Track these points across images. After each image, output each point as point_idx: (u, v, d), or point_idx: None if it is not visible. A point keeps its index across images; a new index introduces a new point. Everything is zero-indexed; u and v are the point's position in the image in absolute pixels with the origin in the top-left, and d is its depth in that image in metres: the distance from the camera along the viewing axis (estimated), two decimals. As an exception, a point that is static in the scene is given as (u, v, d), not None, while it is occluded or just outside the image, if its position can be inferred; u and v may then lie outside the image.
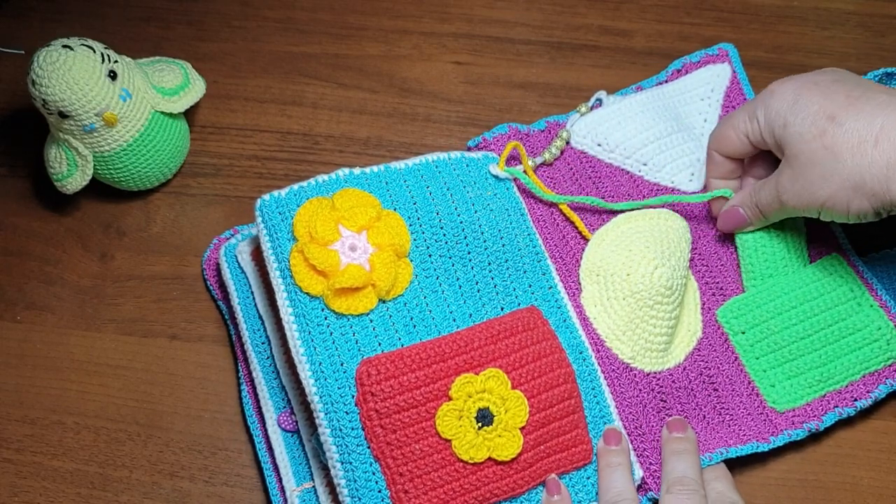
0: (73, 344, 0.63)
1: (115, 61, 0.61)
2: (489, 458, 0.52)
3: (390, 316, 0.54)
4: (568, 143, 0.65)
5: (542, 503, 0.53)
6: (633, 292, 0.58)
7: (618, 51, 0.73)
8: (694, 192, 0.64)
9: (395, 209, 0.56)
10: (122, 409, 0.61)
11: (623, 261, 0.58)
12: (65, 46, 0.60)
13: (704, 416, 0.58)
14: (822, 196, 0.54)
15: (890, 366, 0.59)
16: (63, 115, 0.60)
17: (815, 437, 0.59)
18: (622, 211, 0.62)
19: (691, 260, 0.62)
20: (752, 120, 0.58)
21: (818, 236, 0.63)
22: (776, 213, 0.58)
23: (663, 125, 0.65)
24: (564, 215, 0.62)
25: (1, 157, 0.70)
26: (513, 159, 0.64)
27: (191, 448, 0.60)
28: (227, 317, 0.63)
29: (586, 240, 0.61)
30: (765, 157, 0.61)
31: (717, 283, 0.62)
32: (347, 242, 0.54)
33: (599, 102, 0.65)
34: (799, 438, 0.58)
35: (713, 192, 0.62)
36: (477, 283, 0.57)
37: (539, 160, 0.64)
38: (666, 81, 0.68)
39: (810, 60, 0.72)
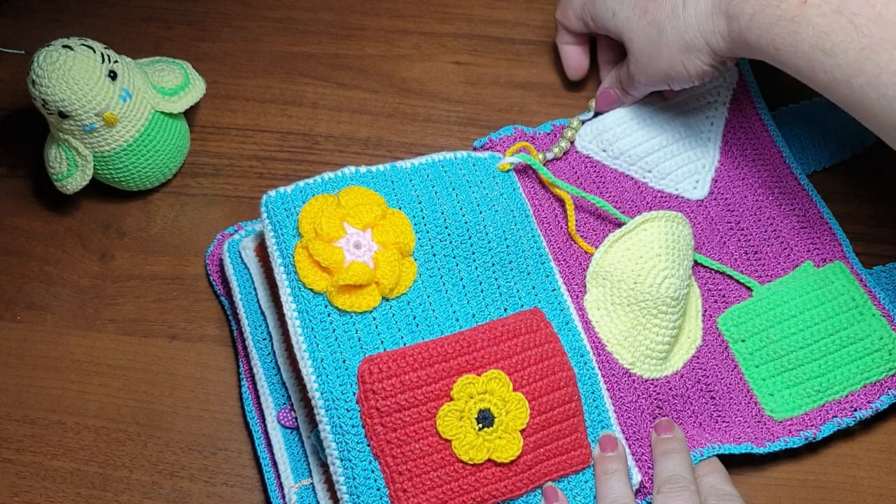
0: (73, 344, 0.63)
1: (115, 61, 0.61)
2: (489, 460, 0.51)
3: (393, 314, 0.54)
4: (573, 143, 0.65)
5: None
6: (639, 301, 0.57)
7: (618, 51, 0.73)
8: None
9: (400, 208, 0.56)
10: (122, 409, 0.61)
11: (633, 268, 0.58)
12: (65, 46, 0.59)
13: (701, 424, 0.58)
14: (662, 68, 0.59)
15: (892, 376, 0.58)
16: (63, 115, 0.60)
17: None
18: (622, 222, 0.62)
19: (695, 265, 0.62)
20: (587, 17, 0.64)
21: (821, 244, 0.62)
22: (639, 89, 0.63)
23: (669, 131, 0.65)
24: (568, 217, 0.62)
25: (1, 157, 0.70)
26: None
27: (191, 448, 0.60)
28: (228, 312, 0.63)
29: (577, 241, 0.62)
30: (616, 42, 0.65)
31: (720, 289, 0.62)
32: (352, 240, 0.54)
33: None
34: (795, 446, 0.57)
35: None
36: (481, 283, 0.57)
37: (550, 156, 0.64)
38: None
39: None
